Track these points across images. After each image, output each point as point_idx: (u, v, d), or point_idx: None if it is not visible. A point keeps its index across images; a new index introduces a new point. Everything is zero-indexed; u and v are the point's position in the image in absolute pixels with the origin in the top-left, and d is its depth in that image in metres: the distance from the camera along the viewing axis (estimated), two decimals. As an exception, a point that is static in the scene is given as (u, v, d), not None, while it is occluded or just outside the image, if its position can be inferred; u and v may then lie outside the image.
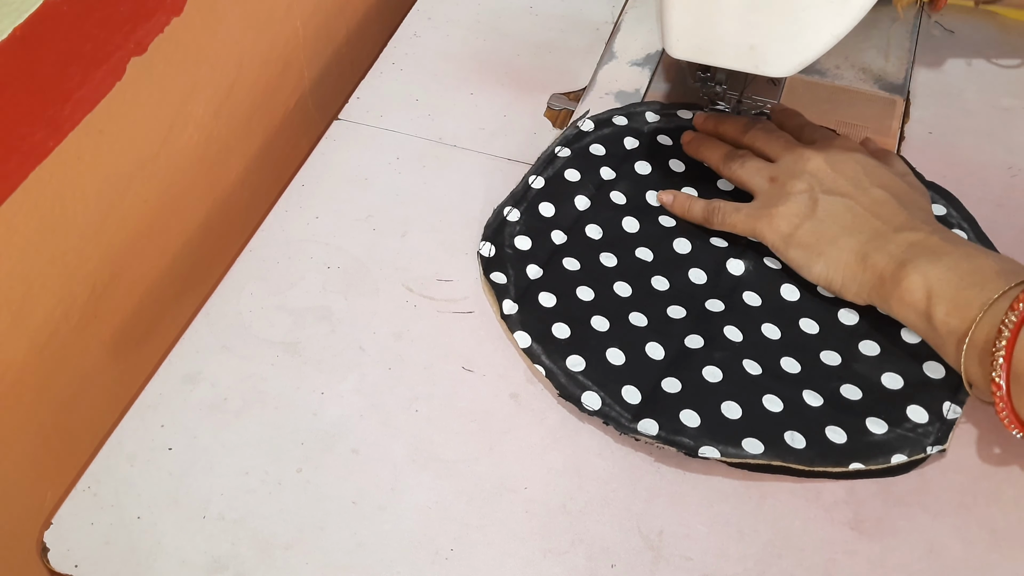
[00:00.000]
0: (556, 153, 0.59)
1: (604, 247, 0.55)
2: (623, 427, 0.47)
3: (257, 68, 0.62)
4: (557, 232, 0.56)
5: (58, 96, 0.45)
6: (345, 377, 0.51)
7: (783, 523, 0.46)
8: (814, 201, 0.51)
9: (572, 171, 0.59)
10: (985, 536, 0.45)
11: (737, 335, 0.51)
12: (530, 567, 0.44)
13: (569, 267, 0.54)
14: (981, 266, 0.45)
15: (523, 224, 0.56)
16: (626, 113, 0.62)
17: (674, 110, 0.62)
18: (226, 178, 0.62)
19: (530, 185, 0.58)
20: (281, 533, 0.45)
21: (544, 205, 0.57)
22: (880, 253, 0.48)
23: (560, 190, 0.58)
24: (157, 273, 0.58)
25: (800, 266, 0.51)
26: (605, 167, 0.59)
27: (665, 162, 0.59)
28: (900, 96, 0.64)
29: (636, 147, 0.60)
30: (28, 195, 0.45)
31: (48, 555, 0.45)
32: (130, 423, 0.49)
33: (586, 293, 0.53)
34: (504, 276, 0.54)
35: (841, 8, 0.47)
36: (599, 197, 0.58)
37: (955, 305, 0.44)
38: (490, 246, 0.55)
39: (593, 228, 0.56)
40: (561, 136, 0.61)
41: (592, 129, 0.61)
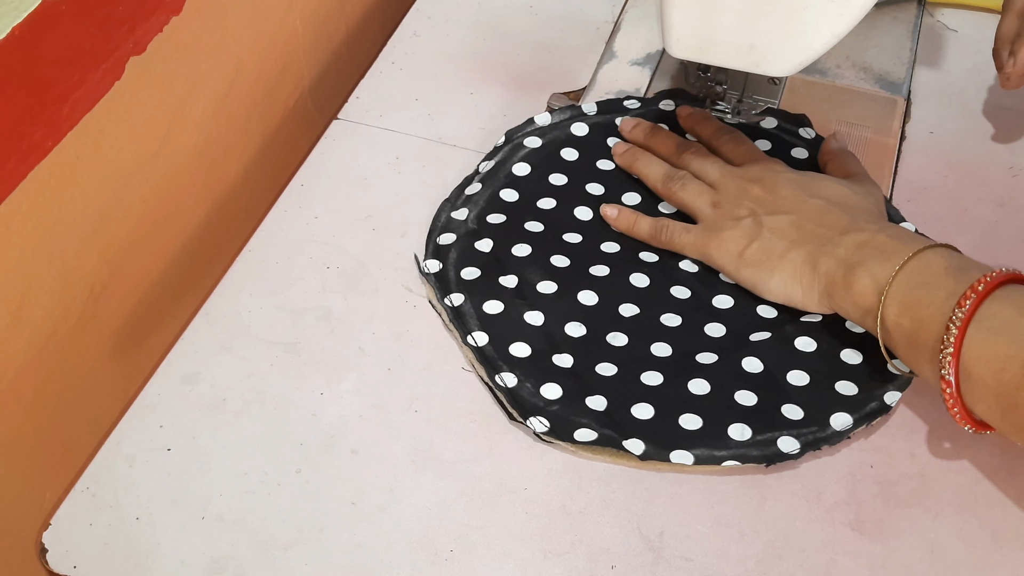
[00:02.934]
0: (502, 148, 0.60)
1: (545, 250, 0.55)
2: None
3: (256, 68, 0.62)
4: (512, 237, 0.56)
5: (57, 96, 0.45)
6: (344, 377, 0.51)
7: (784, 524, 0.45)
8: (759, 223, 0.51)
9: (522, 165, 0.59)
10: (986, 537, 0.45)
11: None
12: (530, 568, 0.44)
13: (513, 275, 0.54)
14: (930, 264, 0.45)
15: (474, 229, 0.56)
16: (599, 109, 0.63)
17: (655, 104, 0.62)
18: (225, 178, 0.62)
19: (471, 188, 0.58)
20: (280, 534, 0.45)
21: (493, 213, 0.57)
22: (829, 258, 0.48)
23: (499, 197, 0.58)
24: (156, 273, 0.57)
25: (754, 284, 0.51)
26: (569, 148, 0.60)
27: (593, 162, 0.60)
28: (901, 96, 0.64)
29: (577, 151, 0.60)
30: (27, 195, 0.45)
31: (47, 556, 0.45)
32: (129, 423, 0.49)
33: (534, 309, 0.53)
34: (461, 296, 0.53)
35: (842, 8, 0.47)
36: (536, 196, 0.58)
37: (905, 306, 0.44)
38: (437, 263, 0.55)
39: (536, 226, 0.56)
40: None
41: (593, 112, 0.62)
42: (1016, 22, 0.56)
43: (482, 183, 0.58)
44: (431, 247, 0.55)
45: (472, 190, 0.58)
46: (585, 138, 0.60)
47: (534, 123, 0.61)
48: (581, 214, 0.57)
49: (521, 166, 0.58)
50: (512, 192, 0.57)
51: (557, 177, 0.58)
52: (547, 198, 0.57)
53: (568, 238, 0.55)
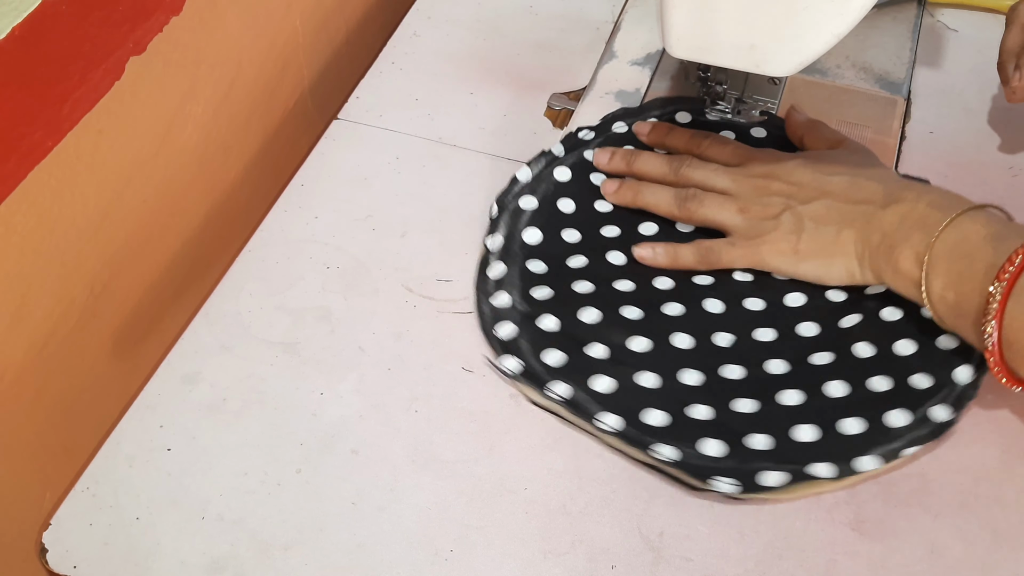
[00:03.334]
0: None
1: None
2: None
3: (256, 67, 0.62)
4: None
5: (57, 95, 0.45)
6: (344, 377, 0.51)
7: (784, 524, 0.45)
8: (798, 216, 0.51)
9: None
10: (986, 537, 0.45)
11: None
12: (530, 568, 0.44)
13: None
14: (969, 235, 0.46)
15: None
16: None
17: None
18: (225, 178, 0.62)
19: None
20: (280, 534, 0.45)
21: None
22: (877, 234, 0.49)
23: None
24: (156, 273, 0.57)
25: (818, 276, 0.51)
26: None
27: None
28: (901, 96, 0.64)
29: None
30: (27, 195, 0.45)
31: (47, 556, 0.45)
32: (129, 423, 0.49)
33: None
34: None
35: (842, 8, 0.47)
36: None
37: (949, 280, 0.46)
38: (516, 361, 0.51)
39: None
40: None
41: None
42: (1021, 35, 0.57)
43: (503, 262, 0.54)
44: (496, 344, 0.51)
45: (497, 273, 0.53)
46: (571, 183, 0.58)
47: (518, 182, 0.57)
48: (616, 259, 0.54)
49: (531, 232, 0.55)
50: (539, 263, 0.54)
51: (570, 234, 0.56)
52: (574, 256, 0.55)
53: (620, 287, 0.53)
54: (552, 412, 0.48)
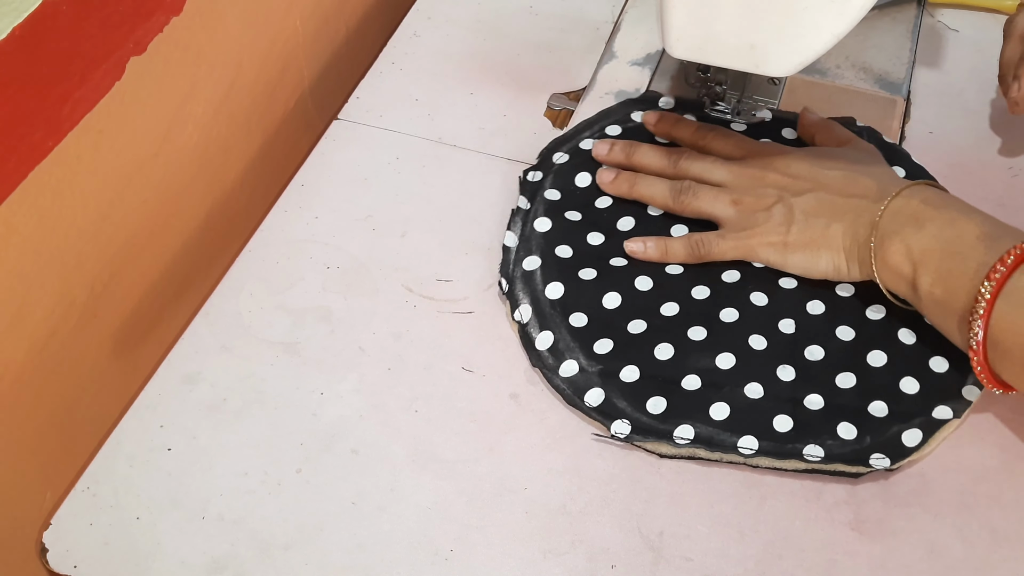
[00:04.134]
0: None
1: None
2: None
3: (256, 68, 0.62)
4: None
5: (57, 96, 0.45)
6: (345, 377, 0.51)
7: (784, 524, 0.46)
8: (789, 207, 0.51)
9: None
10: (986, 536, 0.45)
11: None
12: (530, 568, 0.44)
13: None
14: (963, 233, 0.46)
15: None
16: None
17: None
18: (225, 178, 0.62)
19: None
20: (280, 534, 0.45)
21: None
22: (867, 228, 0.49)
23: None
24: (156, 273, 0.57)
25: (806, 268, 0.51)
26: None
27: None
28: (901, 96, 0.64)
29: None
30: (27, 195, 0.45)
31: (47, 556, 0.45)
32: (129, 423, 0.49)
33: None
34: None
35: (842, 8, 0.47)
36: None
37: (938, 276, 0.45)
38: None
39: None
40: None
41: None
42: (1020, 46, 0.57)
43: (546, 329, 0.52)
44: (593, 414, 0.49)
45: (546, 343, 0.51)
46: (553, 230, 0.56)
47: (510, 249, 0.56)
48: (643, 284, 0.53)
49: (553, 288, 0.53)
50: (579, 316, 0.52)
51: (588, 273, 0.54)
52: (608, 295, 0.53)
53: (670, 311, 0.52)
54: (688, 457, 0.47)
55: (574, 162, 0.59)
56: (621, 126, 0.61)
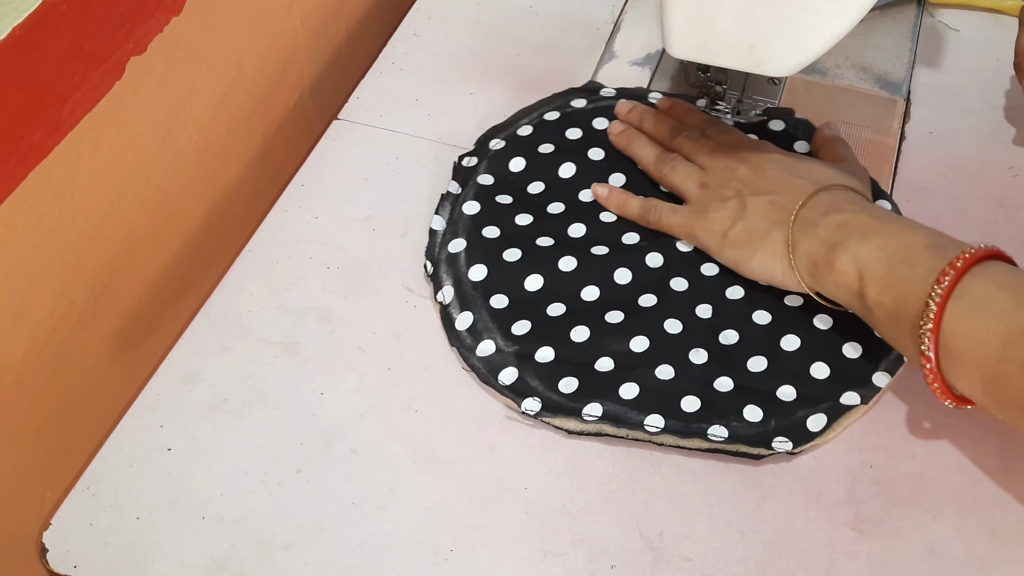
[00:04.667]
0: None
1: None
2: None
3: (256, 68, 0.62)
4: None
5: (57, 96, 0.45)
6: (345, 377, 0.51)
7: (784, 524, 0.46)
8: (743, 204, 0.52)
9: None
10: (985, 536, 0.45)
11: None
12: (530, 568, 0.44)
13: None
14: (910, 242, 0.45)
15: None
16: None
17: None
18: (226, 178, 0.62)
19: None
20: (280, 534, 0.45)
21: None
22: (810, 239, 0.49)
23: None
24: (156, 273, 0.57)
25: (737, 264, 0.52)
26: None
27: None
28: (901, 96, 0.64)
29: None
30: (27, 195, 0.45)
31: (47, 556, 0.45)
32: (129, 423, 0.49)
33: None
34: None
35: (841, 8, 0.47)
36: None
37: (886, 284, 0.45)
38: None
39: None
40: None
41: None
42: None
43: (466, 310, 0.53)
44: (505, 392, 0.50)
45: (465, 323, 0.52)
46: (483, 213, 0.57)
47: (437, 232, 0.57)
48: (567, 265, 0.54)
49: (476, 270, 0.54)
50: (500, 298, 0.53)
51: (512, 254, 0.55)
52: (530, 278, 0.54)
53: (590, 295, 0.53)
54: (596, 434, 0.48)
55: (509, 148, 0.60)
56: (560, 111, 0.62)
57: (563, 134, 0.60)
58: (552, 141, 0.60)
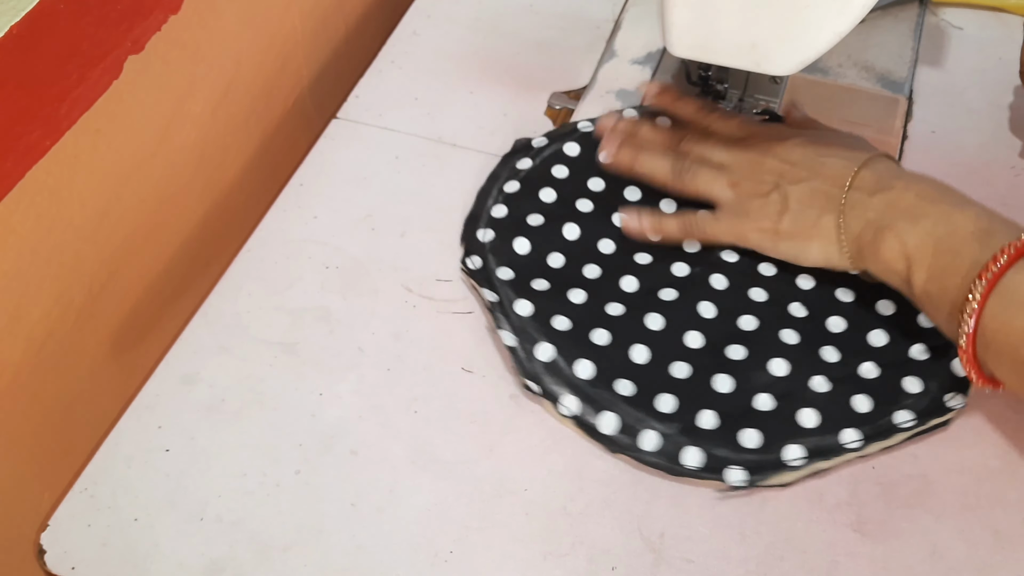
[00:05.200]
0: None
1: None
2: None
3: (255, 66, 0.62)
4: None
5: (55, 95, 0.45)
6: (344, 378, 0.51)
7: (785, 525, 0.45)
8: (785, 195, 0.51)
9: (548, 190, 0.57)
10: (988, 537, 0.45)
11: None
12: (530, 569, 0.44)
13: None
14: (957, 229, 0.45)
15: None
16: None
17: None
18: (224, 177, 0.62)
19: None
20: (279, 535, 0.45)
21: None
22: (859, 221, 0.49)
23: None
24: (155, 273, 0.57)
25: (795, 256, 0.51)
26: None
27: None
28: (903, 95, 0.64)
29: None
30: (25, 194, 0.45)
31: (45, 557, 0.45)
32: (127, 424, 0.49)
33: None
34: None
35: (843, 6, 0.46)
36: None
37: (932, 272, 0.45)
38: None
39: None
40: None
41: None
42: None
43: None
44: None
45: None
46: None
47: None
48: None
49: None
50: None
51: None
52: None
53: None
54: None
55: (501, 236, 0.55)
56: (518, 180, 0.58)
57: (538, 199, 0.56)
58: (537, 211, 0.56)
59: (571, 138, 0.59)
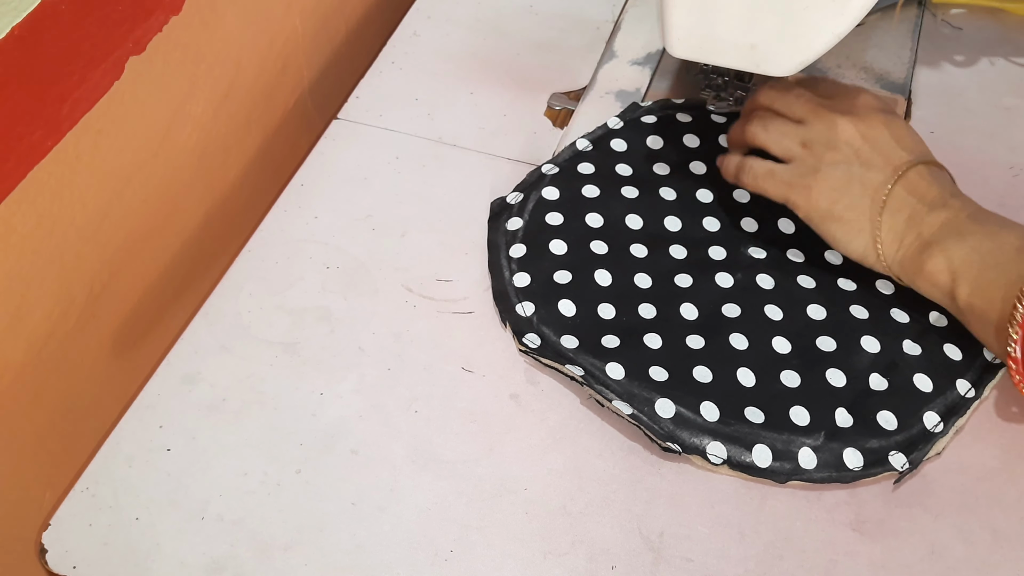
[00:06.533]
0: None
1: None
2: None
3: (256, 67, 0.62)
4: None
5: (56, 95, 0.45)
6: (344, 377, 0.51)
7: (784, 524, 0.45)
8: (851, 176, 0.50)
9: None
10: (987, 537, 0.45)
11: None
12: (530, 568, 0.44)
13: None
14: (1003, 244, 0.46)
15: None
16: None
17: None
18: (225, 178, 0.62)
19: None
20: (280, 534, 0.45)
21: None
22: (913, 234, 0.48)
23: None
24: (156, 273, 0.57)
25: (837, 240, 0.50)
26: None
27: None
28: (902, 95, 0.64)
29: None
30: (26, 195, 0.45)
31: (46, 556, 0.45)
32: (128, 424, 0.49)
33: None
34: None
35: (842, 7, 0.46)
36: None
37: (977, 286, 0.46)
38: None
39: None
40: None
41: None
42: None
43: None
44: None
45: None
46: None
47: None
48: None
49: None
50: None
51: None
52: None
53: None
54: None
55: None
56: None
57: (552, 254, 0.55)
58: (559, 267, 0.55)
59: (543, 184, 0.58)
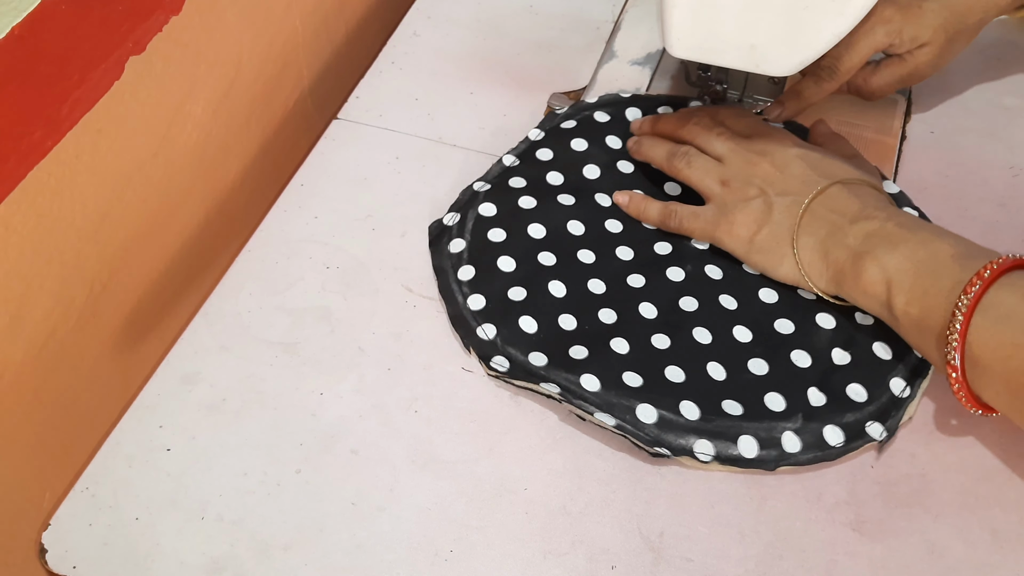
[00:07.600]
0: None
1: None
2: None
3: (256, 67, 0.62)
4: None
5: (56, 95, 0.45)
6: (344, 377, 0.51)
7: (784, 524, 0.45)
8: (769, 205, 0.51)
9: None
10: (986, 537, 0.45)
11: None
12: (530, 568, 0.44)
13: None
14: (936, 252, 0.45)
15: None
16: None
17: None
18: (225, 178, 0.62)
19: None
20: (280, 534, 0.45)
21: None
22: (839, 248, 0.48)
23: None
24: (156, 273, 0.57)
25: (765, 269, 0.52)
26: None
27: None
28: (902, 95, 0.64)
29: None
30: (26, 195, 0.45)
31: (46, 556, 0.45)
32: (128, 424, 0.49)
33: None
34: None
35: (842, 7, 0.47)
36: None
37: (913, 294, 0.45)
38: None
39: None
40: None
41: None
42: None
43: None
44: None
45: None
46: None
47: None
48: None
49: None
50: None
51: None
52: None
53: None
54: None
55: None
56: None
57: (500, 271, 0.54)
58: (514, 283, 0.53)
59: (478, 202, 0.57)
